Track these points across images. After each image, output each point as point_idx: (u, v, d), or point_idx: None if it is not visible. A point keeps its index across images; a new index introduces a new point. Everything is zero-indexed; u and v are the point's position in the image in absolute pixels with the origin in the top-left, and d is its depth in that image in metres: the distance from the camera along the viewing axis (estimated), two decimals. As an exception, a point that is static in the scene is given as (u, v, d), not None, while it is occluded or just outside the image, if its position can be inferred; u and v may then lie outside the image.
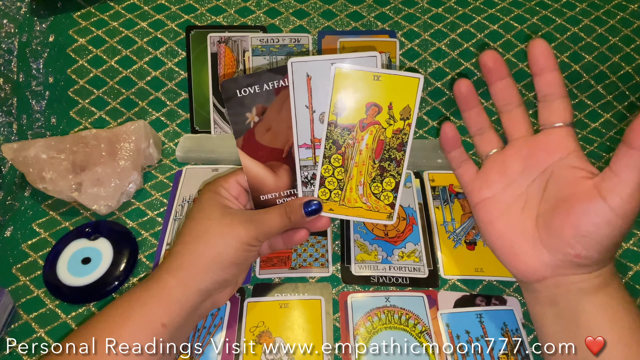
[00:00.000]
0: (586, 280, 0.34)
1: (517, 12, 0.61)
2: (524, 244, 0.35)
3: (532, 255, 0.35)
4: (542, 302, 0.36)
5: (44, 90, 0.57)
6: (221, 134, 0.58)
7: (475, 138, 0.40)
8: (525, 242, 0.35)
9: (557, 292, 0.35)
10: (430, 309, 0.43)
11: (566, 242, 0.33)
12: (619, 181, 0.30)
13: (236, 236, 0.36)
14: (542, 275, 0.35)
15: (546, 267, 0.34)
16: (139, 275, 0.46)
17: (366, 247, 0.48)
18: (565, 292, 0.34)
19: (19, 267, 0.46)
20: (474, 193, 0.39)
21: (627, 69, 0.61)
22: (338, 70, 0.37)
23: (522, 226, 0.36)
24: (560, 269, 0.34)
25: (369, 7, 0.61)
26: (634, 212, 0.31)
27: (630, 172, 0.30)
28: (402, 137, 0.39)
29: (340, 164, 0.39)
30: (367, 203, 0.40)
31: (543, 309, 0.36)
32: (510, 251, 0.36)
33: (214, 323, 0.41)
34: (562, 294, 0.34)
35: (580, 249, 0.32)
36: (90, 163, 0.50)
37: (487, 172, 0.38)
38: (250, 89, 0.38)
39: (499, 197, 0.37)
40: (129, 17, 0.59)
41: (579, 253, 0.32)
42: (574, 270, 0.34)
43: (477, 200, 0.38)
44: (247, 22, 0.60)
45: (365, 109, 0.38)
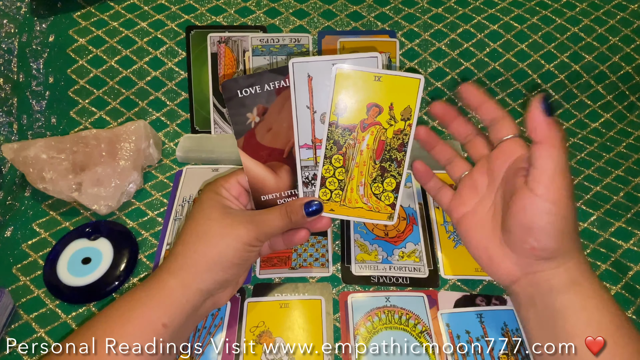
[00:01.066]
0: (556, 277, 0.35)
1: (517, 12, 0.61)
2: (496, 249, 0.38)
3: (503, 258, 0.38)
4: (523, 305, 0.38)
5: (44, 90, 0.57)
6: (221, 134, 0.58)
7: (447, 167, 0.44)
8: (497, 247, 0.38)
9: (533, 292, 0.36)
10: (431, 309, 0.43)
11: (519, 238, 0.36)
12: (538, 172, 0.34)
13: (237, 236, 0.36)
14: (515, 275, 0.37)
15: (515, 267, 0.37)
16: (139, 275, 0.46)
17: (366, 247, 0.48)
18: (540, 291, 0.36)
19: (19, 267, 0.46)
20: (453, 212, 0.42)
21: (627, 69, 0.61)
22: (339, 70, 0.37)
23: (493, 233, 0.39)
24: (527, 266, 0.36)
25: (369, 7, 0.61)
26: (562, 195, 0.33)
27: (543, 161, 0.34)
28: (403, 137, 0.39)
29: (341, 165, 0.39)
30: (367, 203, 0.40)
31: (525, 312, 0.37)
32: (487, 258, 0.39)
33: (214, 323, 0.41)
34: (537, 294, 0.36)
35: (532, 242, 0.35)
36: (90, 163, 0.50)
37: (461, 192, 0.42)
38: (251, 89, 0.38)
39: (473, 212, 0.40)
40: (129, 17, 0.59)
41: (533, 246, 0.35)
42: (540, 266, 0.36)
43: (457, 217, 0.42)
44: (247, 22, 0.60)
45: (366, 109, 0.38)
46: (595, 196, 0.53)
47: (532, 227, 0.35)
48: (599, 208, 0.52)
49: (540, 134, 0.33)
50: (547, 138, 0.33)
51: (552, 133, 0.33)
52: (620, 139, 0.60)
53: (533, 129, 0.33)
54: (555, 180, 0.33)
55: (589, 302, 0.34)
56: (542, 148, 0.33)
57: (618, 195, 0.54)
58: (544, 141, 0.33)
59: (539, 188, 0.34)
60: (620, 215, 0.51)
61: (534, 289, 0.36)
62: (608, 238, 0.49)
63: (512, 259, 0.37)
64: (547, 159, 0.33)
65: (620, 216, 0.51)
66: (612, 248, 0.48)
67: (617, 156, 0.58)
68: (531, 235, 0.35)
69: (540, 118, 0.33)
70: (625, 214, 0.51)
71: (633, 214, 0.51)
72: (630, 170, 0.57)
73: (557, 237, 0.34)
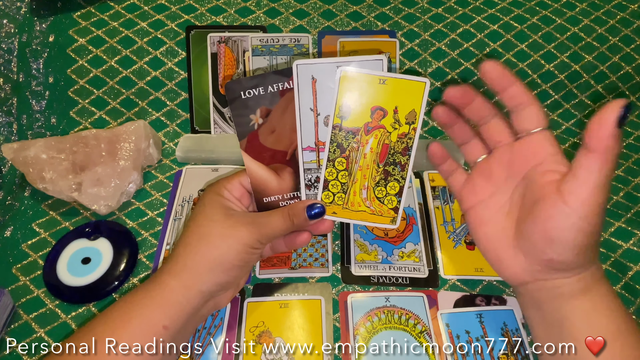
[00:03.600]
0: (567, 285, 0.34)
1: (517, 12, 0.61)
2: (506, 249, 0.36)
3: (512, 260, 0.36)
4: (528, 306, 0.37)
5: (44, 90, 0.57)
6: (221, 134, 0.58)
7: (462, 147, 0.41)
8: (507, 247, 0.36)
9: (540, 297, 0.35)
10: (430, 309, 0.43)
11: (538, 248, 0.33)
12: (578, 183, 0.31)
13: (238, 238, 0.36)
14: (523, 279, 0.36)
15: (525, 272, 0.35)
16: (139, 276, 0.46)
17: (366, 247, 0.48)
18: (547, 296, 0.35)
19: (19, 267, 0.46)
20: (464, 199, 0.40)
21: (627, 69, 0.61)
22: (344, 73, 0.37)
23: (505, 232, 0.36)
24: (539, 273, 0.34)
25: (369, 7, 0.61)
26: (595, 213, 0.31)
27: (588, 174, 0.30)
28: (407, 141, 0.39)
29: (344, 168, 0.39)
30: (370, 207, 0.40)
31: (531, 312, 0.37)
32: (495, 255, 0.37)
33: (214, 323, 0.41)
34: (545, 299, 0.35)
35: (551, 254, 0.33)
36: (90, 163, 0.50)
37: (474, 179, 0.39)
38: (255, 90, 0.38)
39: (486, 204, 0.38)
40: (129, 17, 0.59)
41: (551, 258, 0.33)
42: (553, 275, 0.34)
43: (467, 207, 0.39)
44: (247, 22, 0.60)
45: (370, 112, 0.38)
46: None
47: (554, 239, 0.32)
48: (599, 208, 0.52)
49: (598, 143, 0.29)
50: (604, 149, 0.29)
51: (611, 145, 0.29)
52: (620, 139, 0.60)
53: (594, 134, 0.29)
54: (593, 196, 0.30)
55: (597, 307, 0.33)
56: (593, 158, 0.30)
57: (618, 195, 0.54)
58: (598, 151, 0.29)
59: (574, 201, 0.31)
60: (620, 215, 0.51)
61: (541, 294, 0.35)
62: (608, 238, 0.49)
63: (523, 264, 0.35)
64: (594, 172, 0.30)
65: (620, 216, 0.51)
66: (612, 248, 0.48)
67: (617, 156, 0.58)
68: (551, 247, 0.32)
69: (609, 126, 0.29)
70: (625, 214, 0.51)
71: (633, 214, 0.51)
72: (630, 170, 0.57)
73: (579, 252, 0.32)
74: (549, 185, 0.33)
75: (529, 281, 0.35)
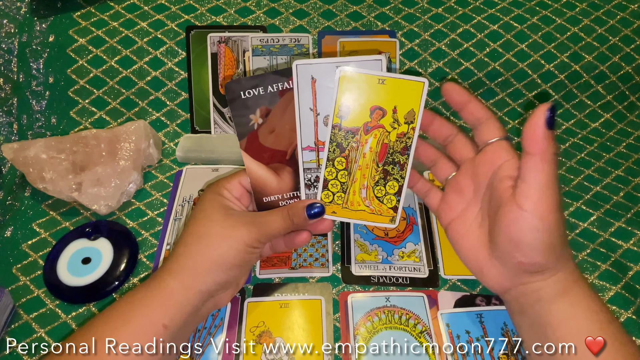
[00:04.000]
0: (545, 289, 0.34)
1: (517, 12, 0.61)
2: (485, 259, 0.37)
3: (491, 268, 0.37)
4: (514, 313, 0.37)
5: (44, 90, 0.57)
6: (221, 134, 0.58)
7: (432, 169, 0.43)
8: (485, 258, 0.37)
9: (523, 302, 0.36)
10: (431, 309, 0.43)
11: (507, 252, 0.35)
12: (527, 186, 0.32)
13: (238, 238, 0.36)
14: (505, 286, 0.37)
15: (504, 278, 0.36)
16: (139, 275, 0.46)
17: (366, 247, 0.48)
18: (529, 302, 0.35)
19: (19, 267, 0.46)
20: (442, 217, 0.41)
21: (627, 69, 0.61)
22: (343, 73, 0.37)
23: (481, 242, 0.37)
24: (516, 277, 0.35)
25: (369, 7, 0.61)
26: (549, 211, 0.32)
27: (533, 176, 0.32)
28: (406, 140, 0.39)
29: (343, 167, 0.39)
30: (370, 206, 0.40)
31: (517, 318, 0.37)
32: (476, 266, 0.38)
33: (215, 323, 0.41)
34: (527, 304, 0.35)
35: (520, 257, 0.34)
36: (90, 163, 0.50)
37: (447, 196, 0.41)
38: (255, 90, 0.38)
39: (461, 218, 0.39)
40: (129, 17, 0.59)
41: (521, 261, 0.34)
42: (528, 278, 0.35)
43: (446, 223, 0.40)
44: (247, 22, 0.60)
45: (369, 112, 0.38)
46: (595, 196, 0.53)
47: (519, 243, 0.33)
48: (599, 208, 0.52)
49: (534, 146, 0.32)
50: (541, 151, 0.31)
51: (546, 147, 0.31)
52: (620, 139, 0.60)
53: (529, 138, 0.32)
54: (543, 195, 0.32)
55: (577, 311, 0.34)
56: (534, 161, 0.32)
57: (618, 195, 0.54)
58: (536, 153, 0.32)
59: (527, 203, 0.32)
60: (620, 215, 0.51)
61: (523, 299, 0.36)
62: (608, 238, 0.49)
63: (501, 271, 0.36)
64: (538, 172, 0.32)
65: (620, 216, 0.51)
66: (612, 248, 0.48)
67: (617, 156, 0.58)
68: (518, 251, 0.34)
69: (540, 129, 0.31)
70: (625, 214, 0.51)
71: (633, 214, 0.51)
72: (630, 170, 0.57)
73: (545, 251, 0.33)
74: (506, 192, 0.34)
75: (510, 287, 0.36)
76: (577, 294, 0.34)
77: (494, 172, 0.36)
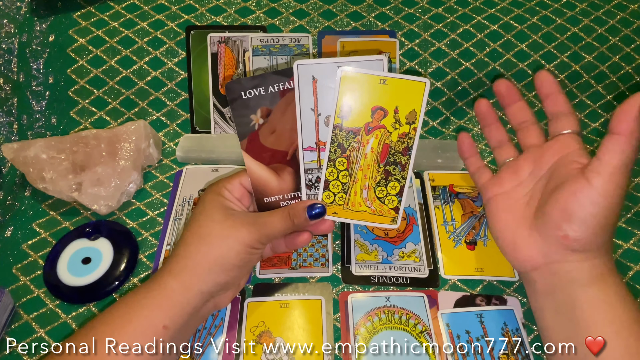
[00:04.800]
0: (579, 270, 0.35)
1: (517, 12, 0.61)
2: (523, 232, 0.38)
3: (527, 242, 0.37)
4: (540, 293, 0.37)
5: (44, 90, 0.57)
6: (221, 133, 0.58)
7: (495, 150, 0.44)
8: (524, 231, 0.38)
9: (553, 282, 0.36)
10: (431, 309, 0.43)
11: (555, 224, 0.35)
12: (601, 163, 0.33)
13: (239, 238, 0.36)
14: (537, 262, 0.37)
15: (539, 253, 0.37)
16: (139, 276, 0.46)
17: (366, 247, 0.48)
18: (560, 281, 0.35)
19: (19, 267, 0.46)
20: (488, 190, 0.42)
21: (627, 69, 0.61)
22: (344, 73, 0.37)
23: (524, 218, 0.38)
24: (553, 254, 0.36)
25: (369, 7, 0.61)
26: (615, 191, 0.33)
27: (611, 154, 0.33)
28: (408, 141, 0.39)
29: (344, 168, 0.39)
30: (371, 207, 0.40)
31: (542, 300, 0.37)
32: (511, 240, 0.38)
33: (215, 324, 0.41)
34: (558, 284, 0.36)
35: (567, 229, 0.34)
36: (90, 163, 0.50)
37: (501, 174, 0.42)
38: (255, 90, 0.38)
39: (508, 194, 0.40)
40: (129, 17, 0.59)
41: (567, 234, 0.34)
42: (567, 256, 0.35)
43: (489, 196, 0.41)
44: (247, 22, 0.60)
45: (371, 112, 0.38)
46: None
47: (572, 215, 0.34)
48: (599, 208, 0.52)
49: (621, 126, 0.32)
50: (626, 131, 0.32)
51: (635, 129, 0.32)
52: (620, 139, 0.60)
53: (619, 118, 0.32)
54: (615, 176, 0.32)
55: (610, 297, 0.34)
56: (616, 140, 0.32)
57: (618, 195, 0.54)
58: (621, 133, 0.32)
59: (597, 179, 0.33)
60: (620, 215, 0.51)
61: (555, 278, 0.36)
62: (608, 238, 0.49)
63: (538, 245, 0.36)
64: (616, 152, 0.32)
65: (621, 216, 0.51)
66: (613, 248, 0.48)
67: (617, 156, 0.58)
68: (568, 223, 0.34)
69: (634, 111, 0.31)
70: (625, 214, 0.51)
71: (633, 214, 0.51)
72: (630, 170, 0.57)
73: (594, 231, 0.34)
74: (573, 170, 0.35)
75: (542, 264, 0.36)
76: (611, 282, 0.35)
77: (561, 157, 0.37)
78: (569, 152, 0.37)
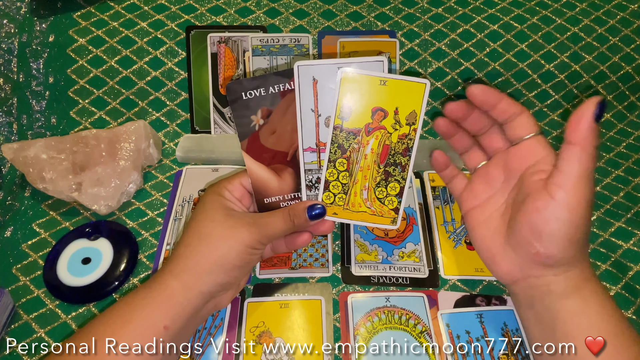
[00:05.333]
0: (556, 283, 0.34)
1: (517, 12, 0.61)
2: (499, 247, 0.37)
3: (503, 257, 0.37)
4: (522, 305, 0.37)
5: (44, 90, 0.57)
6: (221, 134, 0.58)
7: (463, 156, 0.43)
8: (500, 245, 0.37)
9: (532, 295, 0.36)
10: (431, 309, 0.43)
11: (525, 241, 0.35)
12: (562, 176, 0.32)
13: (239, 239, 0.36)
14: (514, 276, 0.37)
15: (515, 268, 0.36)
16: (139, 276, 0.46)
17: (366, 247, 0.48)
18: (539, 294, 0.35)
19: (19, 267, 0.46)
20: (464, 202, 0.41)
21: (627, 69, 0.61)
22: (344, 74, 0.37)
23: (499, 231, 0.38)
24: (528, 269, 0.35)
25: (369, 7, 0.61)
26: (580, 205, 0.32)
27: (571, 165, 0.32)
28: (408, 142, 0.39)
29: (345, 168, 0.39)
30: (371, 207, 0.40)
31: (524, 311, 0.37)
32: (489, 254, 0.38)
33: (215, 324, 0.41)
34: (537, 297, 0.35)
35: (538, 247, 0.34)
36: (90, 163, 0.50)
37: (474, 183, 0.41)
38: (256, 91, 0.38)
39: (483, 207, 0.40)
40: (129, 17, 0.59)
41: (538, 251, 0.34)
42: (542, 271, 0.35)
43: (466, 209, 0.41)
44: (247, 22, 0.60)
45: (371, 113, 0.38)
46: (595, 196, 0.53)
47: (541, 232, 0.33)
48: (599, 208, 0.52)
49: (577, 136, 0.32)
50: (583, 141, 0.31)
51: (589, 138, 0.31)
52: (620, 139, 0.60)
53: (573, 128, 0.32)
54: (577, 187, 0.32)
55: (589, 307, 0.34)
56: (573, 150, 0.32)
57: (618, 195, 0.54)
58: (578, 143, 0.32)
59: (559, 193, 0.32)
60: (620, 215, 0.51)
61: (534, 290, 0.36)
62: (608, 238, 0.49)
63: (514, 260, 0.36)
64: (575, 162, 0.32)
65: (620, 216, 0.51)
66: (612, 248, 0.48)
67: (617, 156, 0.58)
68: (538, 240, 0.34)
69: (587, 120, 0.31)
70: (625, 214, 0.51)
71: (633, 214, 0.51)
72: (630, 170, 0.57)
73: (564, 245, 0.33)
74: (537, 182, 0.34)
75: (520, 278, 0.36)
76: (589, 291, 0.34)
77: (529, 166, 0.37)
78: (536, 160, 0.36)
